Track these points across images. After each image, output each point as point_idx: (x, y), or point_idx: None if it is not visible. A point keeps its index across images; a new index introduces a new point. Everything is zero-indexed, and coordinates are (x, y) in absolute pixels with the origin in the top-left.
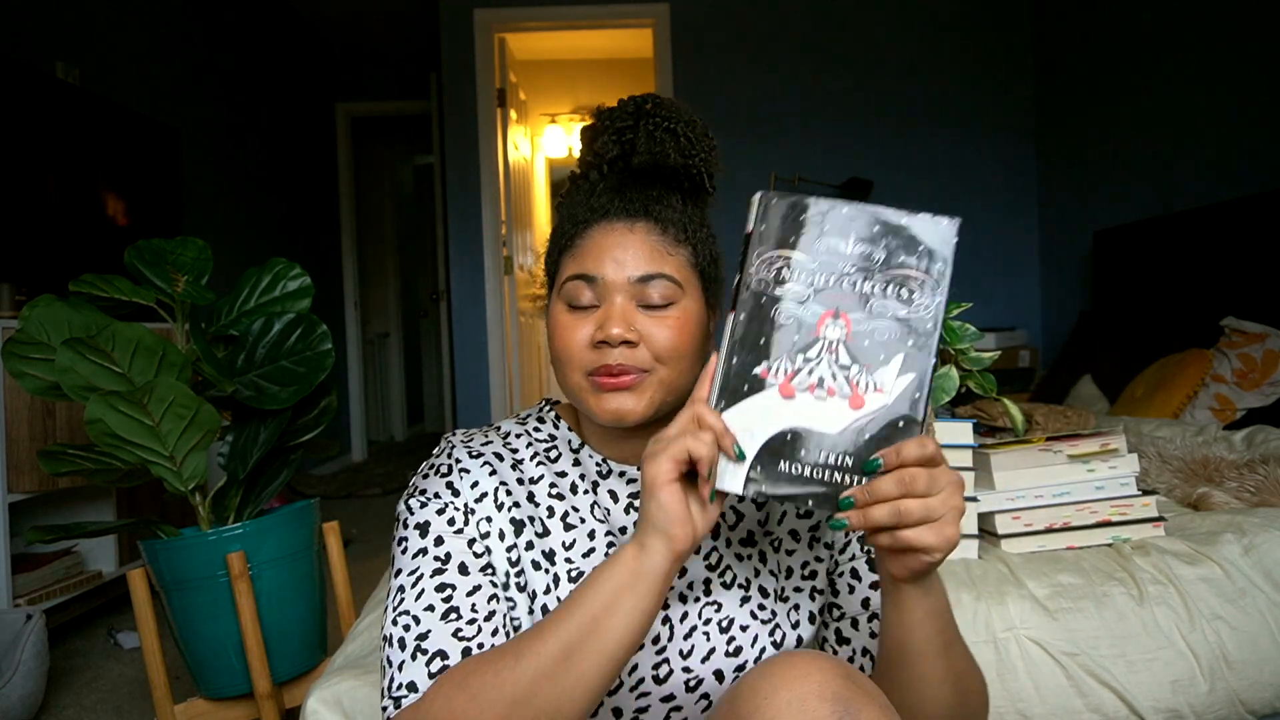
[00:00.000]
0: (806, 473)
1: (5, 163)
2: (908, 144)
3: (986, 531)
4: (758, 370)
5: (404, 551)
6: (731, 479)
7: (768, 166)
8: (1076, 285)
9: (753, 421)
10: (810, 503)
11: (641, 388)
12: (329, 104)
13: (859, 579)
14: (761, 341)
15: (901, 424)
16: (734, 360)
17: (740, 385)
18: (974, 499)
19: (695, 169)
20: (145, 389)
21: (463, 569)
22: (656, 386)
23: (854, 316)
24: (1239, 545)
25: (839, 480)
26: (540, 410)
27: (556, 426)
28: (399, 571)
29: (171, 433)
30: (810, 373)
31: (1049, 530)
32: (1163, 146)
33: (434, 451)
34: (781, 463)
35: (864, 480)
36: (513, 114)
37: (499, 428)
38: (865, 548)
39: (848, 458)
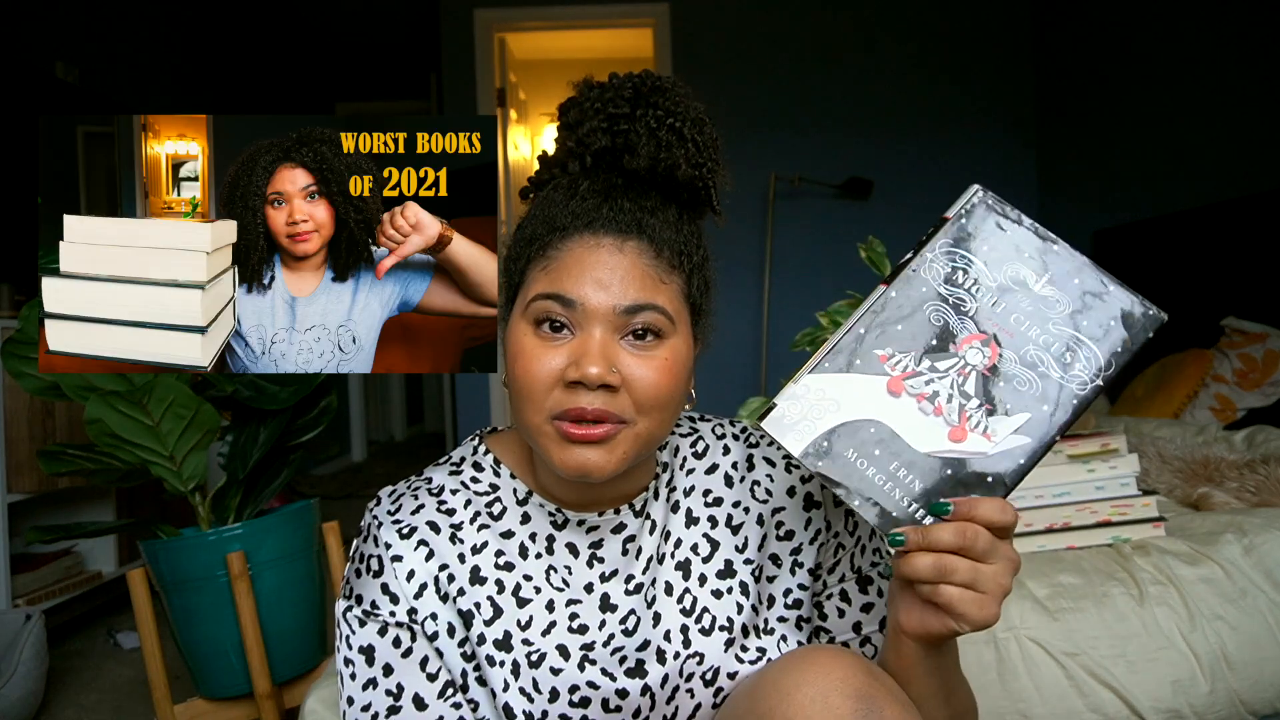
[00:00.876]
0: (870, 474)
1: (5, 162)
2: (908, 144)
3: None
4: (879, 352)
5: (353, 678)
6: (794, 438)
7: (768, 166)
8: None
9: (844, 396)
10: (857, 504)
11: (615, 442)
12: (329, 104)
13: (849, 602)
14: (898, 328)
15: (990, 480)
16: (861, 331)
17: (852, 358)
18: None
19: (702, 182)
20: (145, 389)
21: (418, 703)
22: (632, 441)
23: (1005, 353)
24: (1239, 545)
25: (898, 498)
26: (475, 451)
27: (498, 473)
28: (350, 700)
29: (171, 433)
30: (928, 383)
31: (1049, 530)
32: (1163, 146)
33: (362, 525)
34: (850, 451)
35: (925, 518)
36: (513, 114)
37: (429, 480)
38: (856, 567)
39: (917, 483)
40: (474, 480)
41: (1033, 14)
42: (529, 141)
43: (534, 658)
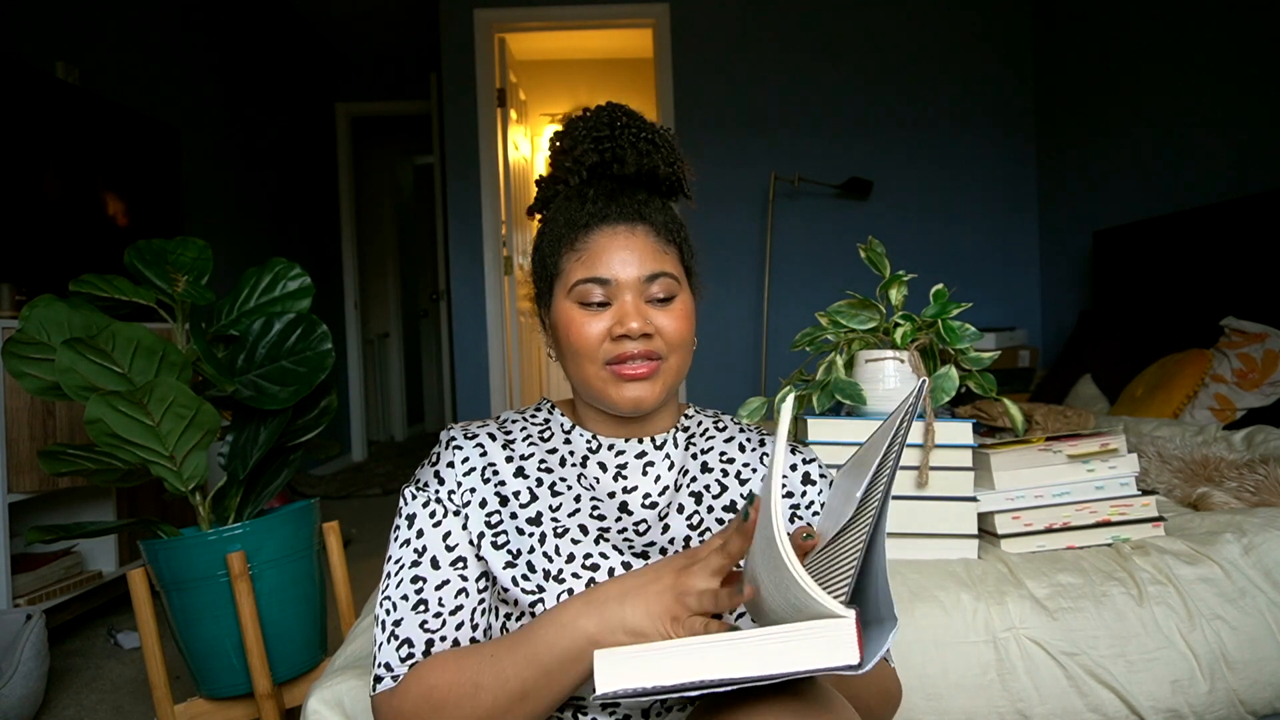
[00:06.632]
0: None
1: (5, 162)
2: (908, 144)
3: (986, 531)
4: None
5: (395, 540)
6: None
7: (768, 166)
8: (1076, 285)
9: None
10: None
11: (656, 376)
12: (329, 104)
13: None
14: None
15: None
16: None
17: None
18: (974, 499)
19: (676, 176)
20: (145, 389)
21: (434, 563)
22: (668, 373)
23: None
24: (1239, 545)
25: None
26: (539, 404)
27: (551, 413)
28: (389, 558)
29: (171, 433)
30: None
31: (1049, 530)
32: (1163, 146)
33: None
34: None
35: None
36: (513, 114)
37: (499, 417)
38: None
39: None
40: (532, 417)
41: (1033, 14)
42: (529, 141)
43: (559, 530)
